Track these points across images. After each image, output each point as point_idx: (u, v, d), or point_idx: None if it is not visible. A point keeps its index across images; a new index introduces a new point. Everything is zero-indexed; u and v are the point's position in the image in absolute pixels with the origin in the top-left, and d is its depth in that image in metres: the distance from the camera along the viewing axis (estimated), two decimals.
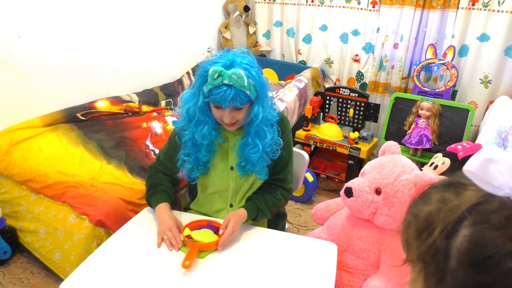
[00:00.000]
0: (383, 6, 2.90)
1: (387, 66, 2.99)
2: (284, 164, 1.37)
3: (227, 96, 1.13)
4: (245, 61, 1.18)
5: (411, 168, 1.31)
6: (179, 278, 1.07)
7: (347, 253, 1.38)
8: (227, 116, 1.20)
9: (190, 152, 1.29)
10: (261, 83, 1.20)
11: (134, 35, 2.81)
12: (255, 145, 1.24)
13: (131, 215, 1.41)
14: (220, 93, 1.14)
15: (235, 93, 1.14)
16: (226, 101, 1.15)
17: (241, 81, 1.13)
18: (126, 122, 2.46)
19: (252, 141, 1.24)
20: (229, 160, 1.33)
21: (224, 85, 1.13)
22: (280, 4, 3.40)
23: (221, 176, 1.34)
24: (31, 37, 2.18)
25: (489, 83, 2.67)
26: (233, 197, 1.37)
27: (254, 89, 1.18)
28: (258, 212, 1.32)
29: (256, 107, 1.21)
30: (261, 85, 1.20)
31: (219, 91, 1.14)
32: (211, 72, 1.12)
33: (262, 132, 1.24)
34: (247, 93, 1.17)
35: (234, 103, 1.16)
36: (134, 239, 1.22)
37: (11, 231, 1.91)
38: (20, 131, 2.14)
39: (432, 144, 2.49)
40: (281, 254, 1.20)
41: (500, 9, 2.50)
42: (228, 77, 1.12)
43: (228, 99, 1.14)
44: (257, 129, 1.23)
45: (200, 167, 1.30)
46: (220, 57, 1.18)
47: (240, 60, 1.17)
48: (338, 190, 1.72)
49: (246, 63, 1.18)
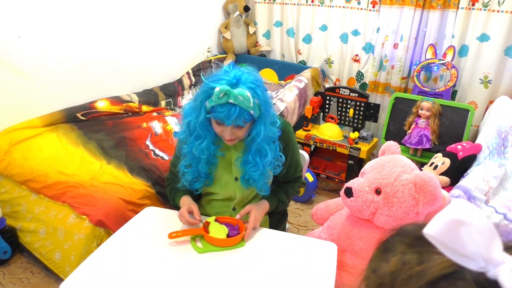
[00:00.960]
0: (383, 6, 2.90)
1: (387, 66, 2.99)
2: (295, 166, 1.43)
3: (231, 115, 1.12)
4: (250, 79, 1.15)
5: (411, 168, 1.31)
6: (179, 278, 1.07)
7: (347, 253, 1.38)
8: (228, 133, 1.18)
9: (190, 163, 1.28)
10: (265, 102, 1.18)
11: (134, 35, 2.81)
12: (255, 163, 1.24)
13: (131, 215, 1.41)
14: (223, 111, 1.12)
15: (239, 112, 1.12)
16: (229, 120, 1.13)
17: (247, 102, 1.11)
18: (126, 122, 2.46)
19: (253, 159, 1.24)
20: (233, 171, 1.33)
21: (228, 103, 1.12)
22: (280, 4, 3.40)
23: (225, 186, 1.35)
24: (31, 37, 2.18)
25: (489, 83, 2.67)
26: (238, 204, 1.39)
27: (258, 108, 1.17)
28: (279, 203, 1.39)
29: (258, 126, 1.20)
30: (265, 104, 1.18)
31: (223, 109, 1.12)
32: (217, 91, 1.10)
33: (263, 150, 1.23)
34: (251, 113, 1.15)
35: (237, 121, 1.14)
36: (134, 239, 1.22)
37: (11, 231, 1.91)
38: (20, 131, 2.14)
39: (432, 144, 2.49)
40: (281, 254, 1.20)
41: (500, 9, 2.50)
42: (234, 97, 1.10)
43: (231, 118, 1.13)
44: (258, 147, 1.22)
45: (202, 178, 1.31)
46: (225, 73, 1.15)
47: (246, 78, 1.14)
48: (338, 190, 1.72)
49: (252, 82, 1.15)
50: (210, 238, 1.21)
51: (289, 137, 1.37)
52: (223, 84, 1.10)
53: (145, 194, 1.85)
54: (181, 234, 1.22)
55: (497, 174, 1.81)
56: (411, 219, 1.25)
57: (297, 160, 1.43)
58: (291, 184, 1.46)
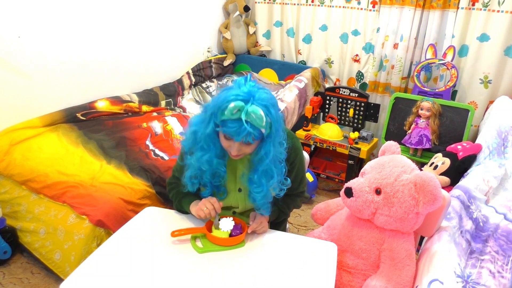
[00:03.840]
0: (383, 6, 2.90)
1: (387, 66, 2.99)
2: (299, 182, 1.41)
3: (242, 132, 1.09)
4: (264, 96, 1.12)
5: (411, 168, 1.31)
6: (179, 278, 1.07)
7: (347, 253, 1.38)
8: (235, 148, 1.16)
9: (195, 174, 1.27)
10: (277, 121, 1.16)
11: (134, 35, 2.81)
12: (260, 184, 1.22)
13: (131, 215, 1.41)
14: (234, 127, 1.10)
15: (250, 129, 1.09)
16: (239, 136, 1.11)
17: (260, 121, 1.09)
18: (126, 122, 2.46)
19: (258, 180, 1.22)
20: (237, 183, 1.33)
21: (239, 119, 1.09)
22: (280, 4, 3.40)
23: (228, 197, 1.35)
24: (31, 37, 2.18)
25: (489, 83, 2.67)
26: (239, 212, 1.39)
27: (269, 127, 1.14)
28: (279, 213, 1.42)
29: (267, 145, 1.17)
30: (277, 123, 1.16)
31: (234, 125, 1.09)
32: (231, 106, 1.08)
33: (269, 172, 1.21)
34: (261, 131, 1.13)
35: (246, 138, 1.12)
36: (134, 239, 1.22)
37: (11, 231, 1.91)
38: (20, 131, 2.14)
39: (432, 144, 2.49)
40: (281, 254, 1.20)
41: (500, 9, 2.50)
42: (247, 114, 1.08)
43: (241, 135, 1.10)
44: (265, 168, 1.20)
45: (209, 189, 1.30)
46: (238, 87, 1.12)
47: (259, 95, 1.11)
48: (338, 190, 1.72)
49: (266, 100, 1.12)
50: (212, 237, 1.21)
51: (296, 154, 1.35)
52: (237, 100, 1.08)
53: (145, 194, 1.85)
54: (184, 232, 1.23)
55: (497, 174, 1.81)
56: (411, 219, 1.25)
57: (301, 176, 1.41)
58: (293, 197, 1.43)
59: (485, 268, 1.45)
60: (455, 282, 1.22)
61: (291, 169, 1.33)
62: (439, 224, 1.39)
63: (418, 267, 1.28)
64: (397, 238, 1.30)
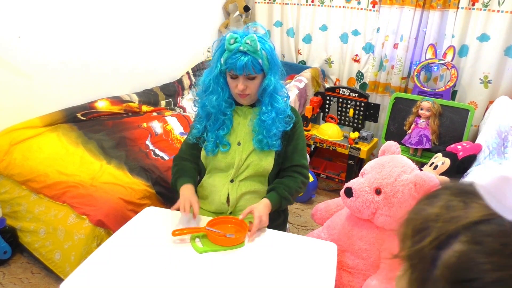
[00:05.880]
0: (383, 6, 2.90)
1: (387, 66, 2.99)
2: (300, 151, 1.46)
3: (241, 62, 1.25)
4: (259, 34, 1.31)
5: (411, 168, 1.31)
6: (179, 278, 1.07)
7: (347, 253, 1.38)
8: (241, 83, 1.30)
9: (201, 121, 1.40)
10: (273, 56, 1.33)
11: (134, 35, 2.81)
12: (268, 111, 1.35)
13: (131, 215, 1.41)
14: (235, 58, 1.25)
15: (248, 59, 1.25)
16: (240, 67, 1.26)
17: (254, 44, 1.24)
18: (126, 122, 2.46)
19: (266, 108, 1.35)
20: (238, 136, 1.41)
21: (239, 52, 1.26)
22: (280, 4, 3.40)
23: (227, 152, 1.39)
24: (31, 37, 2.18)
25: (489, 83, 2.67)
26: (235, 173, 1.40)
27: (266, 60, 1.30)
28: (281, 200, 1.38)
29: (268, 77, 1.34)
30: (273, 58, 1.33)
31: (235, 57, 1.26)
32: (228, 37, 1.25)
33: (274, 101, 1.36)
34: (259, 62, 1.28)
35: (247, 69, 1.27)
36: (134, 239, 1.22)
37: (11, 231, 1.91)
38: (20, 131, 2.14)
39: (432, 144, 2.49)
40: (281, 254, 1.20)
41: (500, 9, 2.50)
42: (243, 43, 1.24)
43: (242, 65, 1.25)
44: (270, 99, 1.35)
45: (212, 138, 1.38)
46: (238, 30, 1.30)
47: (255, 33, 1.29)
48: (338, 190, 1.72)
49: (261, 36, 1.30)
50: (213, 237, 1.21)
51: (298, 119, 1.47)
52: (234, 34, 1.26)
53: (145, 194, 1.85)
54: (186, 232, 1.23)
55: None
56: None
57: (303, 146, 1.48)
58: (294, 174, 1.43)
59: None
60: None
61: (293, 134, 1.43)
62: None
63: None
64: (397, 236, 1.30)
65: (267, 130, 1.35)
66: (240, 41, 1.25)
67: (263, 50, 1.29)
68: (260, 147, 1.38)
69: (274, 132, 1.36)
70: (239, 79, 1.30)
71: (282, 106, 1.37)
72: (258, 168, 1.40)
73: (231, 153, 1.40)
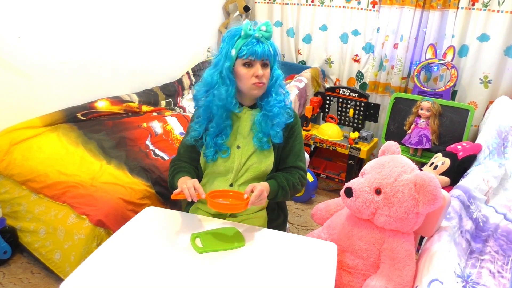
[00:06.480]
0: (383, 6, 2.90)
1: (387, 66, 2.99)
2: (297, 153, 1.44)
3: (259, 48, 1.26)
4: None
5: (411, 168, 1.31)
6: (179, 278, 1.07)
7: (347, 253, 1.38)
8: (259, 69, 1.29)
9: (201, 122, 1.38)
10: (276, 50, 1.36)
11: (134, 35, 2.81)
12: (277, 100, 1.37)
13: (131, 215, 1.41)
14: (252, 44, 1.26)
15: (266, 45, 1.28)
16: (258, 53, 1.26)
17: (270, 30, 1.28)
18: (126, 122, 2.46)
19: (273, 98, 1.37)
20: (237, 139, 1.40)
21: (254, 38, 1.27)
22: (280, 4, 3.40)
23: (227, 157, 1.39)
24: (31, 37, 2.18)
25: (489, 83, 2.67)
26: (234, 177, 1.40)
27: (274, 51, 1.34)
28: (279, 188, 1.36)
29: (275, 70, 1.37)
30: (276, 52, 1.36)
31: (251, 42, 1.26)
32: (245, 23, 1.26)
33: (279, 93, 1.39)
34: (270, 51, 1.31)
35: (265, 54, 1.28)
36: (134, 239, 1.22)
37: (11, 231, 1.91)
38: (20, 131, 2.14)
39: (432, 144, 2.49)
40: (281, 254, 1.20)
41: (500, 9, 2.50)
42: (258, 29, 1.27)
43: (259, 50, 1.26)
44: (276, 90, 1.38)
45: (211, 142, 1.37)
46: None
47: None
48: (338, 190, 1.72)
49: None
50: (214, 204, 1.21)
51: (297, 120, 1.47)
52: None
53: (145, 194, 1.85)
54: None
55: (497, 174, 1.81)
56: (411, 219, 1.25)
57: (299, 149, 1.46)
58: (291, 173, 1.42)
59: (485, 268, 1.45)
60: (455, 282, 1.22)
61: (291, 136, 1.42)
62: (439, 224, 1.39)
63: (418, 267, 1.28)
64: (397, 238, 1.30)
65: (271, 118, 1.35)
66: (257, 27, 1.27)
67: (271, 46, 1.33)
68: (260, 145, 1.37)
69: (278, 122, 1.36)
70: (255, 67, 1.29)
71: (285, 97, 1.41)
72: (258, 171, 1.39)
73: (230, 157, 1.39)
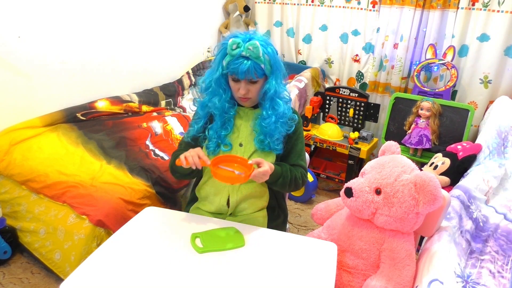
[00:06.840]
0: (383, 6, 2.90)
1: (387, 66, 2.99)
2: (298, 153, 1.44)
3: (243, 67, 1.24)
4: (262, 38, 1.29)
5: (411, 168, 1.31)
6: (179, 278, 1.07)
7: (347, 253, 1.38)
8: (242, 87, 1.29)
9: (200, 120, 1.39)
10: (275, 60, 1.31)
11: (134, 35, 2.81)
12: (268, 115, 1.33)
13: (131, 215, 1.41)
14: (237, 63, 1.24)
15: (250, 65, 1.24)
16: (242, 72, 1.25)
17: (257, 51, 1.23)
18: (126, 122, 2.46)
19: (266, 113, 1.34)
20: (239, 137, 1.40)
21: (241, 57, 1.24)
22: (280, 4, 3.40)
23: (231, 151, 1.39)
24: (31, 37, 2.18)
25: (489, 83, 2.67)
26: None
27: (268, 64, 1.28)
28: (282, 174, 1.35)
29: (270, 81, 1.31)
30: (275, 62, 1.31)
31: (237, 62, 1.24)
32: (230, 42, 1.24)
33: (276, 105, 1.34)
34: (262, 67, 1.27)
35: (249, 74, 1.26)
36: (134, 239, 1.22)
37: (11, 231, 1.91)
38: (20, 131, 2.14)
39: (432, 144, 2.49)
40: (281, 254, 1.20)
41: (500, 9, 2.50)
42: (245, 48, 1.23)
43: (244, 70, 1.24)
44: (271, 103, 1.33)
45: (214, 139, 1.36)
46: (240, 33, 1.29)
47: (258, 37, 1.28)
48: (338, 190, 1.72)
49: (263, 40, 1.28)
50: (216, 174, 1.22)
51: (299, 120, 1.45)
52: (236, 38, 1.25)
53: (145, 194, 1.85)
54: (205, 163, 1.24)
55: (497, 174, 1.81)
56: (411, 219, 1.25)
57: (301, 148, 1.46)
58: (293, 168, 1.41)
59: (485, 268, 1.45)
60: (455, 282, 1.22)
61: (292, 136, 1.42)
62: (439, 224, 1.39)
63: (418, 267, 1.28)
64: (397, 238, 1.30)
65: (269, 135, 1.34)
66: (242, 46, 1.23)
67: (266, 55, 1.27)
68: (261, 147, 1.37)
69: (277, 137, 1.35)
70: (241, 83, 1.30)
71: (284, 109, 1.35)
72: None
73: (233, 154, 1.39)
